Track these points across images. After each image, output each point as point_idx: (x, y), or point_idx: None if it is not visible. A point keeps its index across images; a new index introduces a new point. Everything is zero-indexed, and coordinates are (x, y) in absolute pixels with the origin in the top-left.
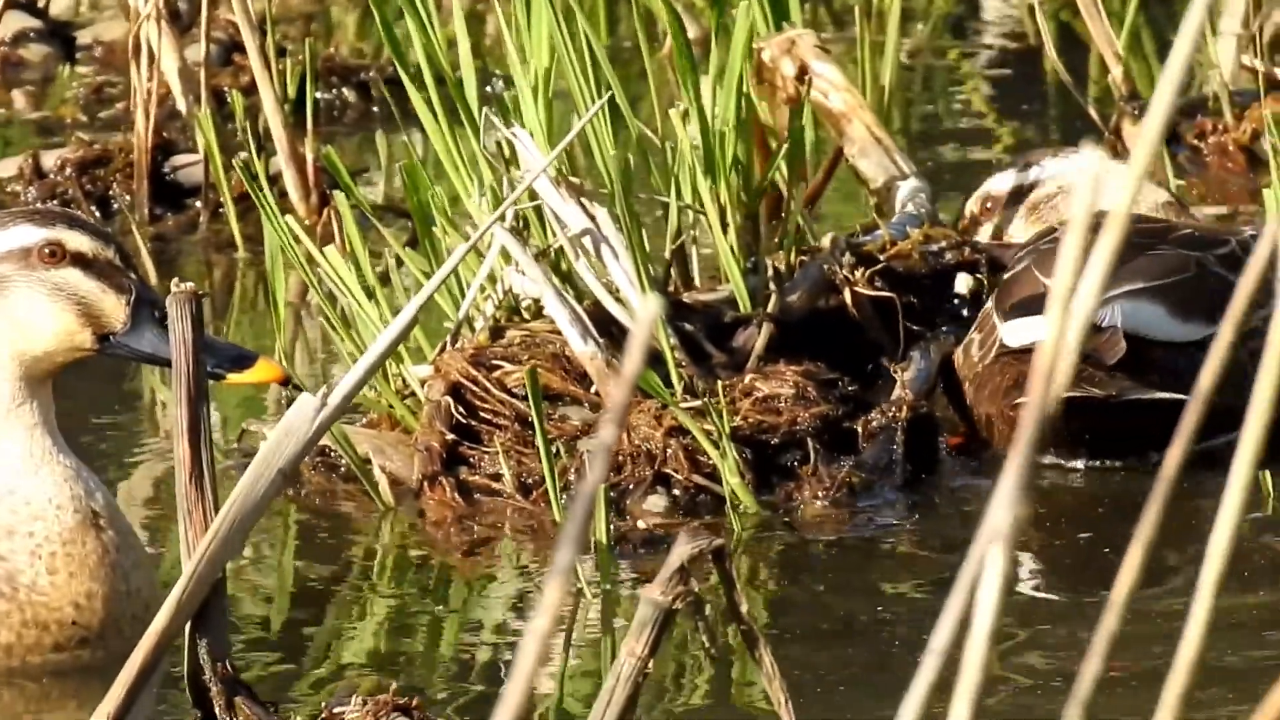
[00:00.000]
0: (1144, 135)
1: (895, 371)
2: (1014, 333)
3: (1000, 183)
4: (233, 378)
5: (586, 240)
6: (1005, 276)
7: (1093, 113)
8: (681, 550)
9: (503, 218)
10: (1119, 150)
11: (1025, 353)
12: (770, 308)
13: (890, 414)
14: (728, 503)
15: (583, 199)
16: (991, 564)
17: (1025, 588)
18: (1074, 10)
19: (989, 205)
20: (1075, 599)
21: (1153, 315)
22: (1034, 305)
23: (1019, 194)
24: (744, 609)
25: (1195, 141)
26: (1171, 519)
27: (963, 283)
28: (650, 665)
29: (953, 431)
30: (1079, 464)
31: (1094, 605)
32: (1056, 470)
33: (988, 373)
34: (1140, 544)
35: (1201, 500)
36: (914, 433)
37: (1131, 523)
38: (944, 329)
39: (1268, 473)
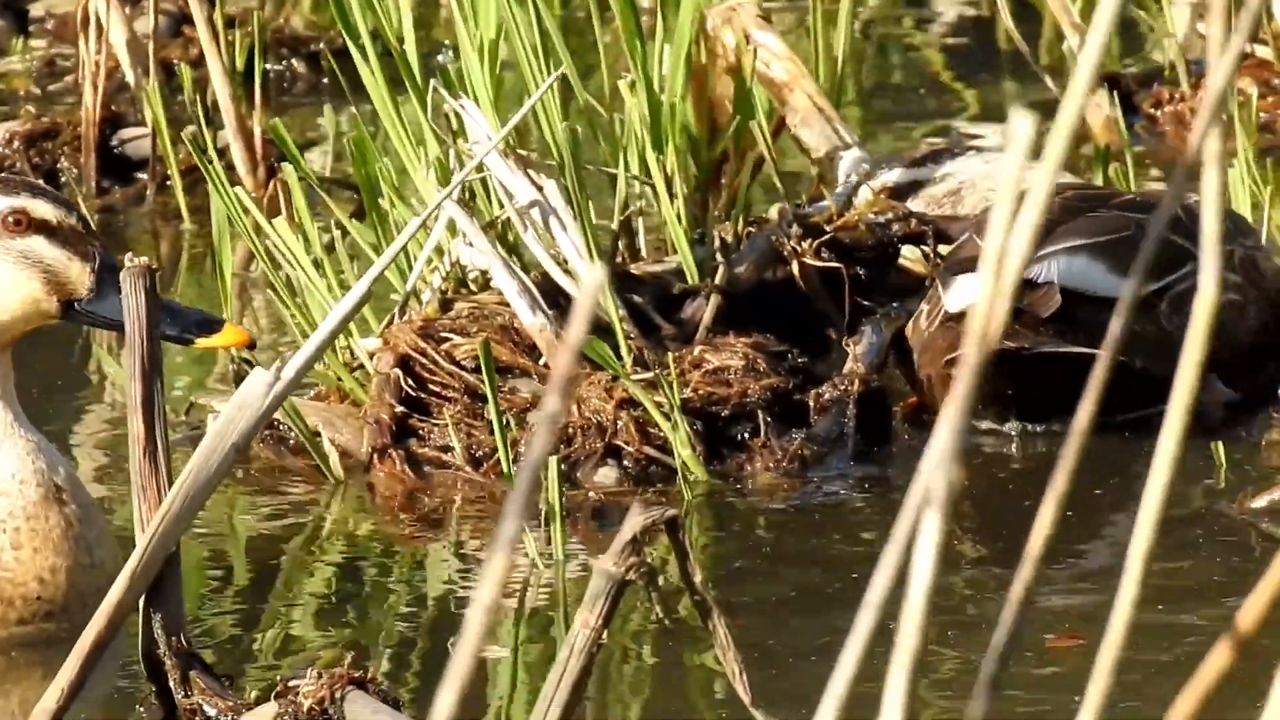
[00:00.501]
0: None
1: (847, 345)
2: (952, 297)
3: (893, 175)
4: (201, 342)
5: (534, 212)
6: (952, 248)
7: (1048, 81)
8: (634, 521)
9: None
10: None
11: (962, 316)
12: (718, 279)
13: (842, 387)
14: (679, 474)
15: (530, 171)
16: (927, 527)
17: (969, 556)
18: None
19: (882, 195)
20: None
21: (1091, 271)
22: (969, 268)
23: (914, 187)
24: (697, 579)
25: (1151, 110)
26: (1121, 488)
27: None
28: (604, 636)
29: (907, 395)
30: (1010, 427)
31: (1048, 574)
32: (993, 435)
33: (930, 338)
34: (1051, 506)
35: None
36: (865, 406)
37: (1075, 487)
38: (895, 304)
39: (1220, 442)
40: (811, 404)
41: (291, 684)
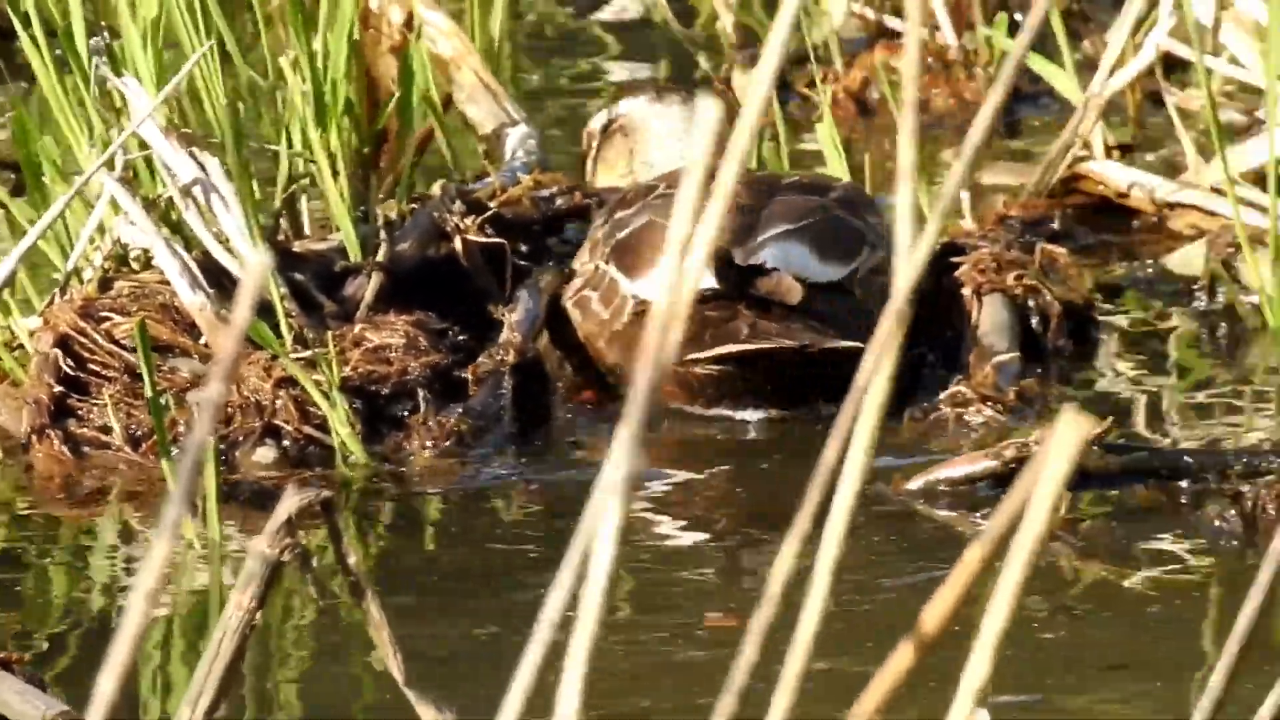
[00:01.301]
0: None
1: (502, 314)
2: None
3: (595, 119)
4: None
5: (197, 190)
6: (620, 236)
7: (702, 61)
8: (289, 503)
9: (111, 166)
10: (730, 99)
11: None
12: (380, 256)
13: (498, 358)
14: (338, 454)
15: (193, 148)
16: (607, 517)
17: (707, 543)
18: None
19: (592, 141)
20: (758, 552)
21: (804, 257)
22: (650, 257)
23: (606, 129)
24: (351, 560)
25: (806, 90)
26: (805, 471)
27: None
28: (258, 617)
29: (577, 388)
30: (749, 415)
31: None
32: (726, 422)
33: (634, 331)
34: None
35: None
36: (523, 376)
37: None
38: (549, 262)
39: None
40: (470, 378)
41: None
